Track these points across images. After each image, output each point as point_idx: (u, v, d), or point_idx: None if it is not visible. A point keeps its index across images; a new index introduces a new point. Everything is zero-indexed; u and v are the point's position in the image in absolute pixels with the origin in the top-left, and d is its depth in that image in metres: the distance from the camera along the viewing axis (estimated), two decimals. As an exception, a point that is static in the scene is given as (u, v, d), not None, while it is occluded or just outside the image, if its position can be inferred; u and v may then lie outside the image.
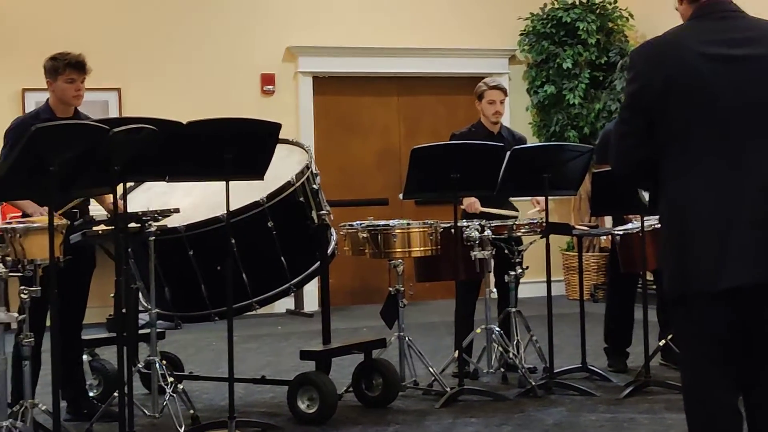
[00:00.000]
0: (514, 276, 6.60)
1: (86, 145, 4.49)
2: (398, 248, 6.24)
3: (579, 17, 10.86)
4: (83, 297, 5.92)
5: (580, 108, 10.85)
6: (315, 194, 6.01)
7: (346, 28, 10.70)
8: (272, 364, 7.52)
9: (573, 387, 6.31)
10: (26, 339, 4.85)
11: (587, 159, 6.50)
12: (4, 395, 4.79)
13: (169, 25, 10.21)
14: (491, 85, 7.00)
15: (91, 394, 6.15)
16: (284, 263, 5.82)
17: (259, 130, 5.35)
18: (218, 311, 5.77)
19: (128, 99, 9.94)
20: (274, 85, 10.53)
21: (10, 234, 4.83)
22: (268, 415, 5.88)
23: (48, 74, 5.72)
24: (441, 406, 5.99)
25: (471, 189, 6.35)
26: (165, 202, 5.77)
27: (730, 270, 3.21)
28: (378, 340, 6.32)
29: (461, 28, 11.09)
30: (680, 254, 3.27)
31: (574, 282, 10.62)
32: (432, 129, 10.63)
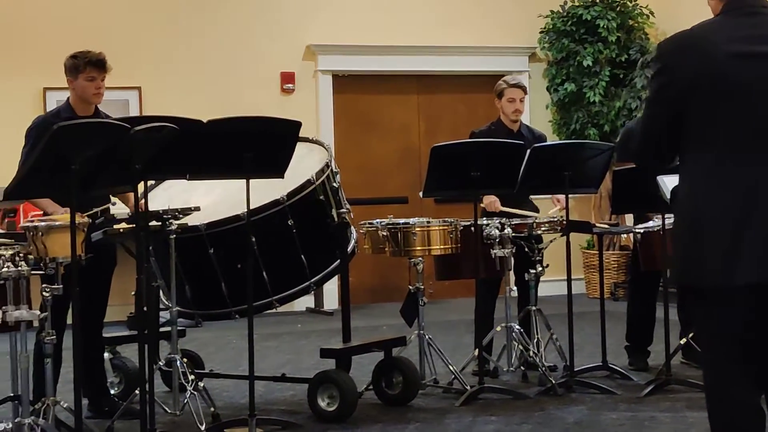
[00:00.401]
0: (535, 274, 6.59)
1: (107, 144, 4.51)
2: (418, 246, 6.24)
3: (599, 15, 10.83)
4: (104, 295, 5.95)
5: (601, 106, 10.82)
6: (335, 192, 6.01)
7: (366, 26, 10.70)
8: (292, 362, 7.53)
9: (593, 385, 6.30)
10: (48, 337, 4.88)
11: (608, 157, 6.48)
12: (26, 393, 4.81)
13: (189, 24, 10.23)
14: (511, 83, 6.99)
15: (113, 391, 6.17)
16: (304, 261, 5.83)
17: (279, 129, 5.35)
18: (238, 309, 5.79)
19: (148, 98, 9.97)
20: (294, 84, 10.54)
21: (33, 232, 4.85)
22: (288, 413, 5.88)
23: (69, 72, 5.75)
24: (461, 405, 5.99)
25: (491, 187, 6.34)
26: (186, 200, 5.79)
27: (744, 267, 3.20)
28: (398, 339, 6.32)
29: (481, 26, 11.08)
30: (692, 247, 3.25)
31: (594, 280, 10.59)
32: (452, 127, 10.62)
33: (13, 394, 4.90)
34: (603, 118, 10.82)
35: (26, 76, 9.60)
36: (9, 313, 4.61)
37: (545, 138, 7.25)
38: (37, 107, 9.45)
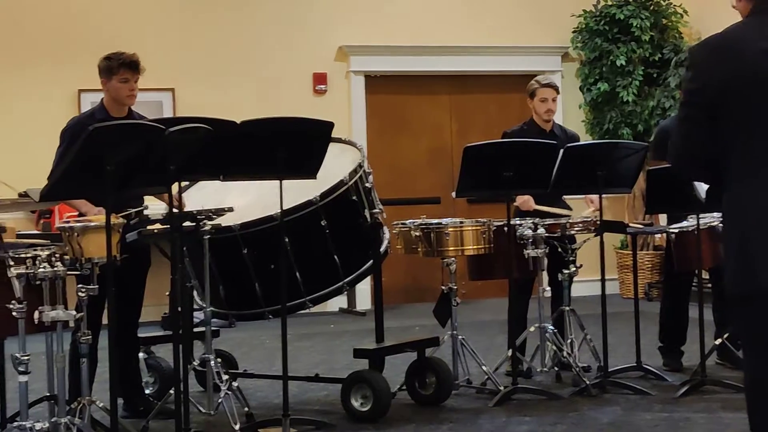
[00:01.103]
0: (568, 274, 6.56)
1: (142, 145, 4.53)
2: (451, 246, 6.23)
3: (633, 14, 10.78)
4: (139, 295, 5.98)
5: (634, 105, 10.78)
6: (368, 193, 6.02)
7: (398, 27, 10.70)
8: (325, 362, 7.54)
9: (628, 386, 6.27)
10: (84, 337, 4.91)
11: (641, 157, 6.46)
12: (63, 392, 4.84)
13: (222, 25, 10.27)
14: (543, 83, 6.97)
15: (148, 391, 6.21)
16: (337, 262, 5.84)
17: (312, 129, 5.37)
18: (272, 309, 5.80)
19: (182, 99, 10.02)
20: (326, 84, 10.57)
21: (68, 233, 4.89)
22: (321, 413, 5.89)
23: (102, 74, 5.79)
24: (494, 405, 5.98)
25: (524, 187, 6.32)
26: (219, 201, 5.81)
27: None
28: (431, 339, 6.32)
29: (514, 26, 11.06)
30: (743, 253, 3.23)
31: (628, 280, 10.54)
32: (484, 127, 10.60)
33: (49, 393, 4.93)
34: (636, 117, 10.77)
35: (61, 78, 9.67)
36: (45, 313, 4.64)
37: (578, 138, 7.22)
38: (72, 109, 9.52)
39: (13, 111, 9.63)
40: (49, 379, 4.92)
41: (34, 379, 4.82)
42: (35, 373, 4.86)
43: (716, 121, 3.28)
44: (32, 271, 4.61)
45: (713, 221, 6.37)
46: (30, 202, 5.26)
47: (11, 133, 9.57)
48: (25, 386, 4.67)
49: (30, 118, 9.57)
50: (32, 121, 9.51)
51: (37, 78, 9.68)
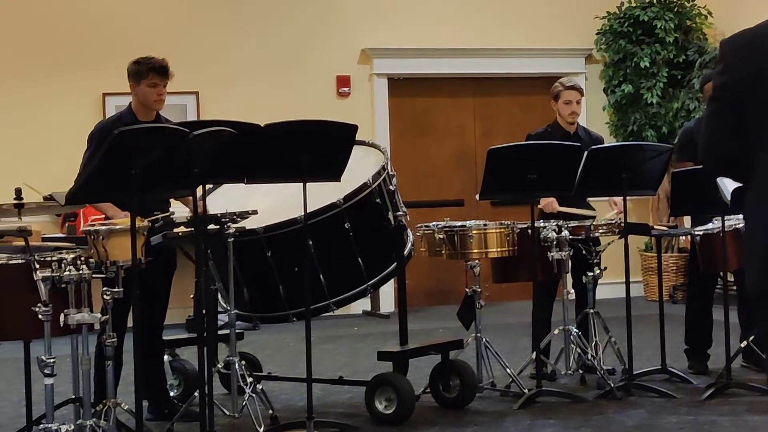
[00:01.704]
0: (592, 277, 6.55)
1: (167, 149, 4.55)
2: (475, 249, 6.23)
3: (656, 15, 10.75)
4: (164, 298, 5.99)
5: (658, 107, 10.75)
6: (391, 195, 6.02)
7: (421, 29, 10.70)
8: (349, 365, 7.54)
9: (653, 389, 6.25)
10: (109, 339, 4.92)
11: (666, 159, 6.43)
12: (88, 395, 4.87)
13: (245, 28, 10.30)
14: (568, 85, 6.95)
15: (172, 393, 6.22)
16: (361, 264, 5.84)
17: (335, 132, 5.38)
18: (296, 312, 5.81)
19: (206, 102, 10.05)
20: (350, 87, 10.58)
21: (93, 236, 4.91)
22: (345, 416, 5.90)
23: (131, 78, 5.80)
24: (519, 408, 5.97)
25: (548, 189, 6.30)
26: (243, 203, 5.82)
27: None
28: (455, 341, 6.31)
29: (537, 28, 11.04)
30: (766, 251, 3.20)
31: (652, 283, 10.50)
32: (507, 129, 10.58)
33: (74, 396, 4.95)
34: (661, 119, 10.74)
35: (86, 82, 9.72)
36: (71, 316, 4.66)
37: (602, 140, 7.20)
38: (97, 112, 9.57)
39: (38, 114, 9.68)
40: (74, 381, 4.94)
41: (59, 381, 4.84)
42: (61, 376, 4.88)
43: (744, 117, 3.25)
44: (58, 274, 4.63)
45: (738, 223, 6.34)
46: (55, 205, 5.28)
47: (36, 137, 9.62)
48: (50, 389, 4.69)
49: (55, 121, 9.62)
50: (57, 125, 9.56)
51: (62, 82, 9.73)
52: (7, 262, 4.71)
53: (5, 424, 5.99)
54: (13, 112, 9.63)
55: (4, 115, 9.60)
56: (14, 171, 6.24)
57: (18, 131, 9.61)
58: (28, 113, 9.67)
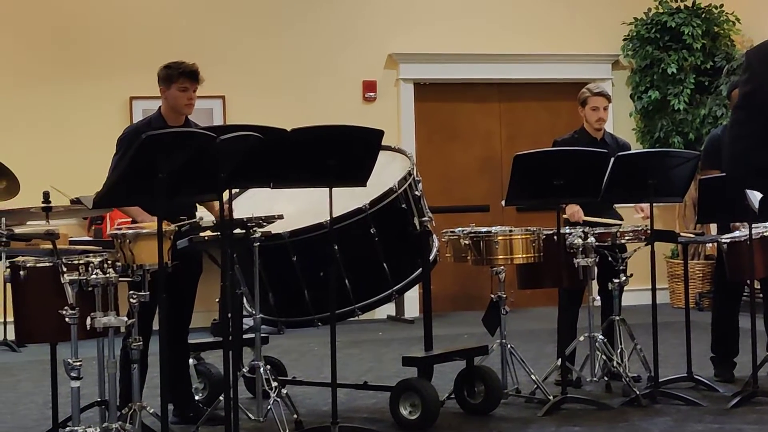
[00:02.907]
0: (618, 284, 6.53)
1: (194, 153, 4.56)
2: (500, 255, 6.22)
3: (684, 21, 10.70)
4: (190, 302, 6.01)
5: (685, 113, 10.70)
6: (417, 201, 6.02)
7: (448, 34, 10.70)
8: (374, 370, 7.54)
9: (678, 396, 6.22)
10: (135, 343, 4.95)
11: (693, 165, 6.41)
12: (114, 398, 4.88)
13: (271, 33, 10.33)
14: (595, 91, 6.94)
15: (197, 397, 6.24)
16: (386, 269, 5.84)
17: (362, 137, 5.38)
18: (321, 317, 5.82)
19: (232, 107, 10.08)
20: (376, 92, 10.59)
21: (120, 240, 4.93)
22: (370, 421, 5.90)
23: (162, 82, 5.82)
24: (544, 414, 5.95)
25: (574, 196, 6.29)
26: (269, 208, 5.83)
27: None
28: (480, 347, 6.30)
29: (564, 34, 11.02)
30: None
31: (679, 290, 10.45)
32: (533, 135, 10.56)
33: (100, 399, 4.98)
34: (688, 126, 10.69)
35: (113, 85, 9.77)
36: (97, 319, 4.68)
37: (629, 146, 7.18)
38: (124, 116, 9.62)
39: (66, 118, 9.73)
40: (100, 384, 4.97)
41: (85, 384, 4.87)
42: (87, 379, 4.91)
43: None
44: (85, 278, 4.66)
45: (766, 231, 6.31)
46: (82, 208, 5.31)
47: (64, 140, 9.67)
48: (77, 391, 4.71)
49: (82, 125, 9.67)
50: (85, 128, 9.62)
51: (89, 86, 9.78)
52: (34, 265, 4.75)
53: (31, 426, 6.03)
54: (42, 115, 9.69)
55: (33, 119, 9.66)
56: (42, 174, 6.28)
57: (46, 135, 9.66)
58: (56, 117, 9.72)
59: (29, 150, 9.33)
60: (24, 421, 6.22)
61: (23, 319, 4.82)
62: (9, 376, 7.62)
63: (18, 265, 4.75)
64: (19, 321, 4.85)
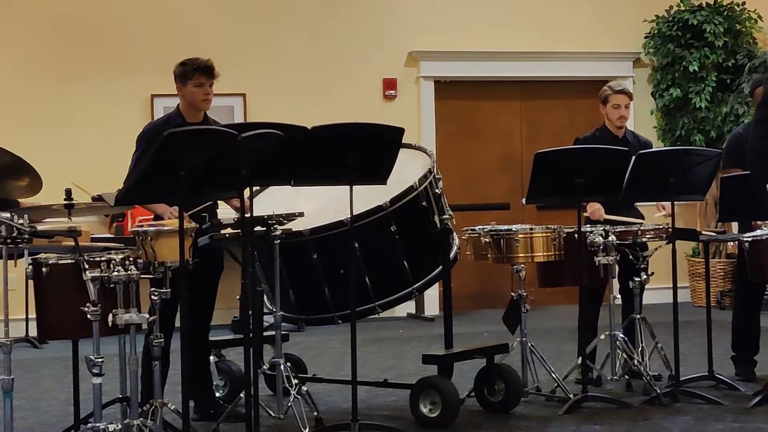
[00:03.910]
0: (639, 282, 6.51)
1: (215, 150, 4.58)
2: (521, 253, 6.21)
3: (706, 19, 10.66)
4: (211, 299, 6.03)
5: (707, 111, 10.66)
6: (437, 198, 6.02)
7: (468, 32, 10.69)
8: (394, 368, 7.55)
9: (699, 395, 6.20)
10: (156, 339, 4.96)
11: (714, 164, 6.38)
12: (135, 394, 4.90)
13: (292, 31, 10.33)
14: (616, 89, 6.92)
15: (218, 394, 6.26)
16: (407, 267, 5.85)
17: (382, 135, 5.39)
18: (341, 314, 5.83)
19: (253, 104, 10.10)
20: (396, 90, 10.59)
21: (142, 237, 4.95)
22: (390, 419, 5.91)
23: (178, 79, 5.85)
24: (564, 413, 5.94)
25: (595, 194, 6.28)
26: (290, 206, 5.85)
27: None
28: (500, 345, 6.30)
29: (585, 31, 10.99)
30: None
31: (700, 289, 10.42)
32: (554, 133, 10.54)
33: (122, 395, 5.00)
34: (709, 123, 10.65)
35: (134, 82, 9.80)
36: (119, 316, 4.71)
37: (651, 144, 7.16)
38: (145, 114, 9.65)
39: (87, 116, 9.77)
40: (121, 381, 4.99)
41: (107, 380, 4.89)
42: (108, 375, 4.93)
43: None
44: (107, 275, 4.69)
45: (788, 230, 6.29)
46: (104, 205, 5.33)
47: (85, 138, 9.71)
48: (98, 388, 4.73)
49: (104, 123, 9.70)
50: (106, 126, 9.65)
51: (110, 83, 9.81)
52: (57, 262, 4.77)
53: (53, 422, 6.06)
54: (64, 113, 9.73)
55: (55, 116, 9.70)
56: (63, 171, 6.29)
57: (68, 132, 9.70)
58: (78, 115, 9.76)
59: (51, 147, 9.36)
60: (46, 417, 6.25)
61: (45, 315, 4.85)
62: (31, 372, 7.65)
63: (40, 261, 4.78)
64: (41, 317, 4.87)
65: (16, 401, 5.24)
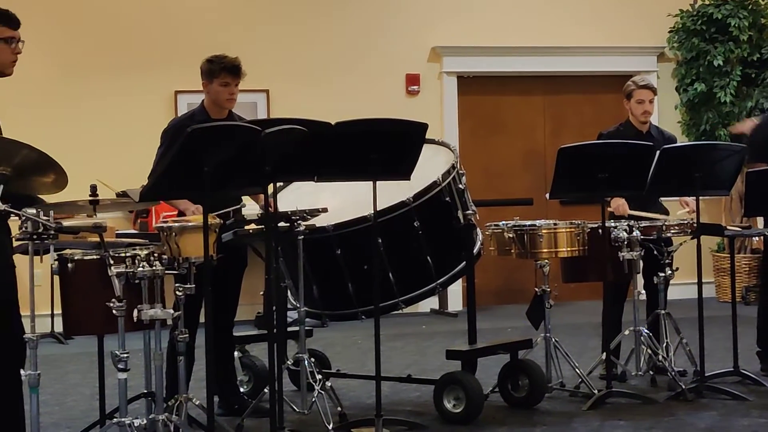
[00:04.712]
0: (664, 277, 6.49)
1: (239, 146, 4.59)
2: (545, 248, 6.20)
3: (730, 13, 10.61)
4: (235, 294, 6.05)
5: (732, 106, 10.61)
6: (461, 194, 6.01)
7: (491, 27, 10.67)
8: (417, 363, 7.55)
9: (725, 391, 6.17)
10: (181, 335, 4.98)
11: (740, 158, 6.35)
12: (160, 389, 4.92)
13: (316, 26, 10.34)
14: (641, 84, 6.89)
15: (242, 389, 6.28)
16: (430, 263, 5.84)
17: (406, 131, 5.38)
18: (365, 310, 5.83)
19: (276, 100, 10.11)
20: (419, 85, 10.58)
21: (166, 233, 4.96)
22: (414, 414, 5.91)
23: (204, 76, 5.85)
24: (588, 408, 5.93)
25: (619, 189, 6.26)
26: (313, 201, 5.85)
27: None
28: (524, 341, 6.29)
29: (609, 26, 10.96)
30: None
31: (725, 284, 10.38)
32: (577, 128, 10.52)
33: (147, 390, 5.02)
34: (734, 118, 10.59)
35: (158, 79, 9.83)
36: (144, 311, 4.72)
37: (675, 139, 7.13)
38: (169, 110, 9.68)
39: (111, 113, 9.80)
40: (146, 376, 5.01)
41: (132, 376, 4.90)
42: (134, 371, 4.94)
43: None
44: (132, 270, 4.70)
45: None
46: (129, 202, 5.35)
47: (109, 134, 9.74)
48: (124, 383, 4.75)
49: (128, 119, 9.74)
50: (130, 123, 9.68)
51: (134, 80, 9.85)
52: (82, 258, 4.79)
53: (79, 417, 6.09)
54: (88, 109, 9.77)
55: (80, 113, 9.74)
56: (88, 167, 6.33)
57: (91, 129, 9.74)
58: (101, 111, 9.79)
59: (76, 144, 9.39)
60: (72, 413, 6.29)
61: (71, 311, 4.87)
62: (57, 367, 7.69)
63: (66, 257, 4.80)
64: (67, 313, 4.89)
65: (42, 397, 5.27)
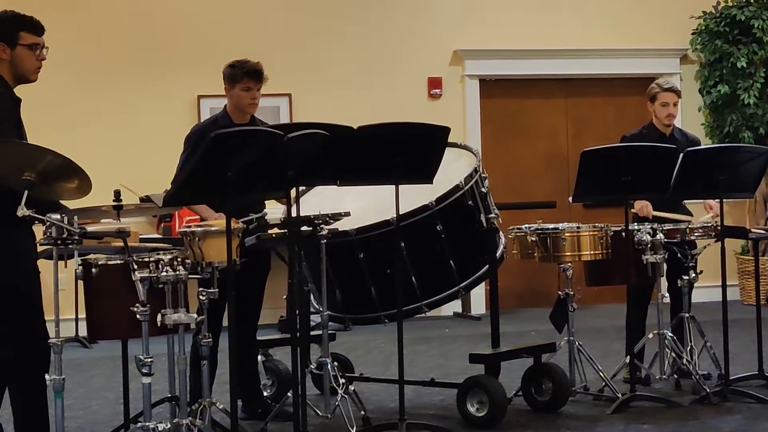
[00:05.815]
0: (688, 280, 6.46)
1: (262, 151, 4.59)
2: (568, 252, 6.18)
3: (754, 15, 10.56)
4: (258, 298, 6.06)
5: (756, 108, 10.55)
6: (484, 197, 6.01)
7: (513, 30, 10.66)
8: (441, 367, 7.54)
9: (750, 395, 6.14)
10: (204, 339, 4.99)
11: (764, 161, 6.32)
12: (184, 394, 4.93)
13: (337, 31, 10.36)
14: (665, 87, 6.87)
15: (266, 393, 6.28)
16: (453, 266, 5.84)
17: (428, 134, 5.38)
18: (388, 314, 5.83)
19: (298, 104, 10.13)
20: (441, 89, 10.58)
21: (190, 237, 4.97)
22: (437, 418, 5.90)
23: (226, 81, 5.87)
24: (612, 412, 5.91)
25: (642, 192, 6.24)
26: (336, 205, 5.86)
27: None
28: (548, 345, 6.27)
29: (631, 28, 10.92)
30: None
31: (749, 287, 10.33)
32: (600, 131, 10.49)
33: (170, 395, 5.02)
34: (758, 120, 10.55)
35: (181, 84, 9.86)
36: (167, 316, 4.73)
37: (699, 142, 7.11)
38: (192, 115, 9.71)
39: (134, 118, 9.84)
40: (170, 380, 5.02)
41: (156, 380, 4.91)
42: (157, 375, 4.95)
43: None
44: (155, 275, 4.71)
45: (839, 227, 6.21)
46: (152, 206, 5.37)
47: (132, 139, 9.78)
48: (148, 387, 4.76)
49: (151, 124, 9.78)
50: (153, 127, 9.72)
51: (157, 84, 9.89)
52: (106, 263, 4.81)
53: (103, 421, 6.11)
54: (111, 115, 9.81)
55: (103, 118, 9.78)
56: (111, 172, 6.34)
57: (115, 134, 9.78)
58: (124, 116, 9.83)
59: (99, 149, 9.43)
60: (96, 417, 6.31)
61: (95, 315, 4.88)
62: (81, 372, 7.73)
63: (90, 262, 4.81)
64: (91, 317, 4.91)
65: (67, 401, 5.29)
